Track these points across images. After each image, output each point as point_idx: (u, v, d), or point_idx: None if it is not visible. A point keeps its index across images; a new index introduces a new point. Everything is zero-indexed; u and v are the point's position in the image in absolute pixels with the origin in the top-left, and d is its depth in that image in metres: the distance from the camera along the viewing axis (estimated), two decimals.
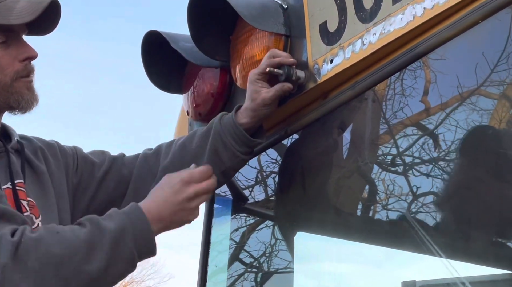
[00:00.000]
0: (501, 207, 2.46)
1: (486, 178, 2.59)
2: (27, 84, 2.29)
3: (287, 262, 3.49)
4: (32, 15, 2.24)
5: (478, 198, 2.59)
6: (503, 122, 2.49)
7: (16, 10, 2.22)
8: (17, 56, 2.27)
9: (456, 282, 2.53)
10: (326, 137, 3.12)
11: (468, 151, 2.64)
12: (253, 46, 2.94)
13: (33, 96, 2.32)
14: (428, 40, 2.41)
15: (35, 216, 2.30)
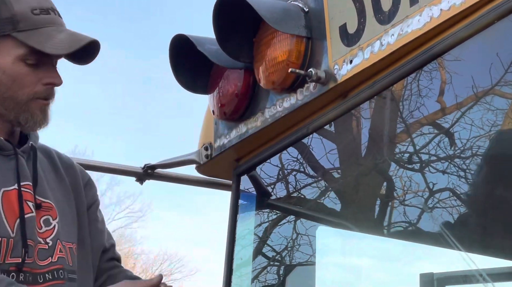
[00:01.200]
0: None
1: (502, 174, 2.57)
2: (42, 106, 2.26)
3: (309, 256, 3.49)
4: (67, 50, 2.22)
5: (494, 192, 2.57)
6: None
7: (54, 40, 2.20)
8: (42, 79, 2.24)
9: (474, 274, 2.51)
10: (346, 135, 3.11)
11: (484, 148, 2.62)
12: (275, 48, 2.94)
13: (44, 118, 2.27)
14: (445, 40, 2.39)
15: (52, 217, 2.28)
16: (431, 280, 2.92)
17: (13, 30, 2.18)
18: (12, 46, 2.19)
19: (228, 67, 3.20)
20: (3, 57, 2.20)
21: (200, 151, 3.55)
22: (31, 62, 2.21)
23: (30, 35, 2.19)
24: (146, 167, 3.79)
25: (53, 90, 2.27)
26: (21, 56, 2.19)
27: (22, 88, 2.21)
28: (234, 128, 3.31)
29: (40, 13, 2.21)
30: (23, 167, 2.26)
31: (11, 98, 2.22)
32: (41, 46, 2.18)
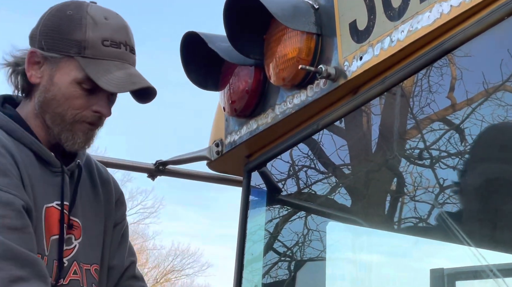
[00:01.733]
0: None
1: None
2: (86, 130, 2.28)
3: (319, 251, 3.49)
4: (118, 89, 2.24)
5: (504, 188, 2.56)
6: None
7: (110, 76, 2.22)
8: (92, 105, 2.26)
9: (485, 269, 2.50)
10: (356, 131, 3.11)
11: (494, 144, 2.61)
12: (286, 45, 2.94)
13: (85, 142, 2.30)
14: (455, 36, 2.38)
15: (75, 236, 2.30)
16: (441, 275, 2.92)
17: (77, 54, 2.22)
18: (73, 68, 2.23)
19: (238, 64, 3.21)
20: (62, 76, 2.24)
21: (211, 147, 3.56)
22: (86, 87, 2.24)
23: (91, 63, 2.21)
24: (158, 163, 3.80)
25: (100, 119, 2.30)
26: (78, 80, 2.23)
27: (71, 109, 2.25)
28: (244, 125, 3.31)
29: (110, 45, 2.23)
30: (67, 186, 2.29)
31: (59, 114, 2.25)
32: (96, 78, 2.21)
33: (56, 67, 2.24)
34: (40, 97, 2.27)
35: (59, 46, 2.23)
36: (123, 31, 2.27)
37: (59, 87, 2.24)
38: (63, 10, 2.27)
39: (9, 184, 2.09)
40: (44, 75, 2.26)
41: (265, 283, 3.58)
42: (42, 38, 2.25)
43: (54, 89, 2.25)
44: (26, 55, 2.26)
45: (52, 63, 2.24)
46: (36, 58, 2.26)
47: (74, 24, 2.23)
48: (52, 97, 2.25)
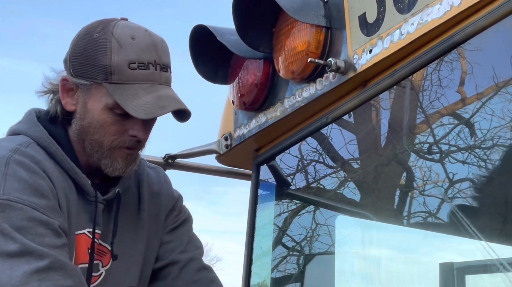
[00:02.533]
0: None
1: None
2: (125, 154, 2.24)
3: (328, 245, 3.48)
4: (146, 115, 2.17)
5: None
6: None
7: (138, 101, 2.15)
8: (128, 130, 2.22)
9: (495, 263, 2.49)
10: (365, 124, 3.10)
11: (505, 138, 2.60)
12: (295, 38, 2.93)
13: (125, 167, 2.25)
14: (465, 29, 2.37)
15: (102, 263, 2.28)
16: (450, 269, 2.91)
17: (104, 81, 2.16)
18: (103, 94, 2.18)
19: (247, 58, 3.20)
20: (94, 103, 2.20)
21: (220, 141, 3.55)
22: (119, 112, 2.19)
23: (119, 89, 2.16)
24: (167, 156, 3.80)
25: (139, 142, 2.25)
26: (109, 105, 2.18)
27: (108, 135, 2.21)
28: (253, 118, 3.31)
29: (137, 68, 2.16)
30: (100, 215, 2.27)
31: (97, 141, 2.22)
32: (124, 105, 2.15)
33: (88, 94, 2.20)
34: (77, 124, 2.24)
35: (88, 73, 2.18)
36: (151, 49, 2.19)
37: (93, 114, 2.20)
38: (90, 33, 2.21)
39: (47, 206, 2.09)
40: (78, 102, 2.22)
41: (274, 277, 3.58)
42: (72, 64, 2.21)
43: (89, 117, 2.21)
44: (59, 83, 2.23)
45: (84, 90, 2.20)
46: (69, 85, 2.22)
47: (100, 49, 2.17)
48: (88, 124, 2.21)
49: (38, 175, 2.13)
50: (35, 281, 1.96)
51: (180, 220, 2.51)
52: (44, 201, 2.09)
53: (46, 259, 2.00)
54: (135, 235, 2.37)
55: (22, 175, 2.09)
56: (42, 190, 2.11)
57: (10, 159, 2.11)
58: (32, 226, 2.03)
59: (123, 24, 2.21)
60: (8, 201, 2.04)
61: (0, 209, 2.02)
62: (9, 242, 1.99)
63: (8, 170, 2.08)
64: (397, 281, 3.09)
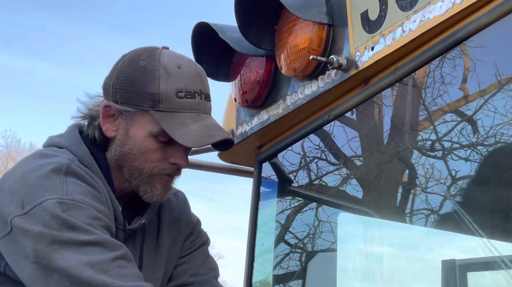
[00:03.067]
0: None
1: None
2: (164, 181, 2.25)
3: (330, 243, 3.48)
4: (194, 144, 2.19)
5: None
6: None
7: (186, 130, 2.17)
8: (169, 158, 2.22)
9: (496, 260, 2.49)
10: (368, 122, 3.10)
11: (507, 136, 2.60)
12: (297, 35, 2.93)
13: (163, 193, 2.26)
14: (467, 26, 2.36)
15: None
16: (453, 266, 2.91)
17: (151, 108, 2.17)
18: (147, 121, 2.18)
19: (250, 55, 3.20)
20: (137, 129, 2.20)
21: None
22: (162, 140, 2.20)
23: (166, 117, 2.16)
24: None
25: (178, 170, 2.26)
26: (154, 133, 2.19)
27: (149, 162, 2.21)
28: (256, 116, 3.31)
29: (185, 97, 2.17)
30: (130, 247, 2.24)
31: (137, 168, 2.22)
32: (172, 133, 2.16)
33: (131, 121, 2.20)
34: (117, 151, 2.24)
35: (133, 100, 2.18)
36: (197, 79, 2.21)
37: (135, 141, 2.20)
38: (136, 60, 2.21)
39: (105, 213, 2.13)
40: (119, 128, 2.22)
41: (276, 274, 3.58)
42: (116, 91, 2.20)
43: (130, 143, 2.21)
44: (101, 109, 2.22)
45: (127, 117, 2.20)
46: (111, 112, 2.21)
47: (148, 77, 2.17)
48: (128, 151, 2.21)
49: (94, 186, 2.16)
50: (115, 268, 1.99)
51: (197, 245, 2.51)
52: (103, 207, 2.13)
53: (120, 250, 2.04)
54: (154, 263, 2.38)
55: (80, 183, 2.12)
56: (100, 197, 2.14)
57: (69, 167, 2.13)
58: (96, 224, 2.06)
59: (169, 53, 2.23)
60: (73, 201, 2.05)
61: (66, 208, 2.03)
62: (82, 234, 2.01)
63: (66, 178, 2.10)
64: (399, 278, 3.10)
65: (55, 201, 2.03)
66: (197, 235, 2.53)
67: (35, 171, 2.11)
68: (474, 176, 2.74)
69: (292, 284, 3.66)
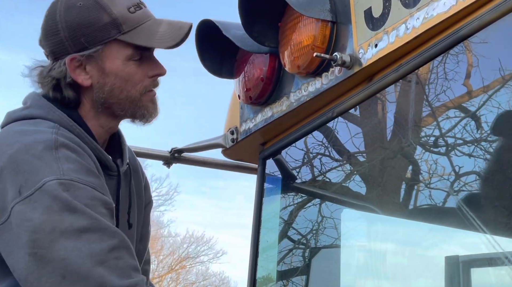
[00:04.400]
0: None
1: None
2: (151, 97, 2.31)
3: (334, 239, 3.49)
4: (174, 41, 2.25)
5: None
6: None
7: (158, 34, 2.24)
8: (148, 72, 2.28)
9: (500, 257, 2.49)
10: (371, 119, 3.10)
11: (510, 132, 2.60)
12: (300, 32, 2.93)
13: (156, 109, 2.33)
14: (470, 23, 2.36)
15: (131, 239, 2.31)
16: (456, 263, 2.91)
17: (118, 34, 2.21)
18: (118, 49, 2.23)
19: (253, 52, 3.20)
20: (112, 62, 2.24)
21: (226, 135, 3.56)
22: (137, 59, 2.25)
23: (135, 34, 2.22)
24: (173, 150, 3.81)
25: (158, 81, 2.32)
26: (128, 56, 2.24)
27: (134, 86, 2.26)
28: (259, 113, 3.31)
29: (135, 11, 2.24)
30: (123, 188, 2.32)
31: (126, 98, 2.26)
32: (149, 43, 2.23)
33: (101, 59, 2.23)
34: (99, 95, 2.26)
35: (98, 38, 2.21)
36: None
37: (115, 73, 2.24)
38: (72, 5, 2.24)
39: (101, 185, 2.12)
40: (93, 73, 2.24)
41: (280, 270, 3.59)
42: (74, 41, 2.22)
43: (111, 79, 2.24)
44: (67, 65, 2.23)
45: (96, 58, 2.23)
46: (77, 63, 2.23)
47: (95, 11, 2.21)
48: (111, 87, 2.25)
49: (83, 155, 2.15)
50: (112, 259, 2.00)
51: (148, 198, 2.55)
52: (98, 180, 2.13)
53: (118, 237, 2.04)
54: (139, 209, 2.42)
55: (72, 156, 2.11)
56: (93, 169, 2.14)
57: (57, 141, 2.11)
58: (95, 204, 2.05)
59: None
60: (71, 181, 2.04)
61: (65, 188, 2.02)
62: (81, 218, 2.00)
63: (58, 153, 2.09)
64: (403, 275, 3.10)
65: (55, 182, 2.02)
66: (149, 186, 2.58)
67: (25, 152, 2.08)
68: (478, 172, 2.74)
69: (295, 280, 3.66)
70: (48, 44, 2.26)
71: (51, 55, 2.27)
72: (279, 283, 3.58)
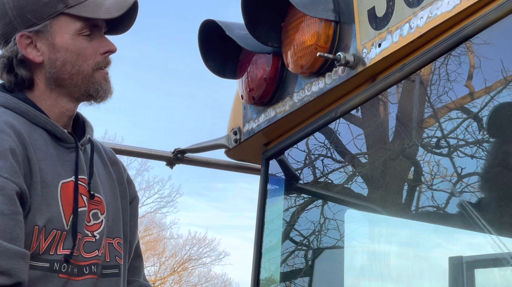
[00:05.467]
0: None
1: None
2: (104, 75, 2.34)
3: (337, 240, 3.48)
4: (119, 11, 2.29)
5: None
6: None
7: (104, 6, 2.29)
8: (99, 49, 2.32)
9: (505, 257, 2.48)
10: (375, 118, 3.10)
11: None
12: (304, 32, 2.93)
13: (109, 87, 2.36)
14: (474, 22, 2.36)
15: (101, 211, 2.32)
16: (460, 263, 2.90)
17: (65, 8, 2.25)
18: (67, 24, 2.26)
19: (256, 52, 3.20)
20: (61, 36, 2.27)
21: (229, 136, 3.56)
22: (86, 33, 2.28)
23: (81, 8, 2.26)
24: (176, 151, 3.81)
25: (110, 59, 2.35)
26: (78, 31, 2.27)
27: (86, 61, 2.29)
28: (262, 113, 3.31)
29: None
30: (81, 160, 2.31)
31: (78, 73, 2.29)
32: (96, 15, 2.26)
33: (51, 34, 2.26)
34: (51, 70, 2.28)
35: (44, 13, 2.25)
36: None
37: (66, 47, 2.26)
38: None
39: (2, 167, 2.07)
40: (43, 49, 2.27)
41: (283, 271, 3.58)
42: (22, 18, 2.25)
43: (62, 54, 2.27)
44: (17, 42, 2.25)
45: (45, 33, 2.25)
46: (27, 40, 2.26)
47: None
48: (63, 62, 2.27)
49: (2, 133, 2.12)
50: None
51: (134, 194, 2.56)
52: (1, 161, 2.08)
53: None
54: (112, 192, 2.42)
55: None
56: (1, 149, 2.09)
57: None
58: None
59: None
60: None
61: None
62: None
63: None
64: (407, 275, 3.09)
65: None
66: (132, 182, 2.58)
67: None
68: (481, 173, 2.73)
69: (299, 281, 3.65)
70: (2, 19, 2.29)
71: (2, 39, 2.30)
72: (282, 284, 3.57)
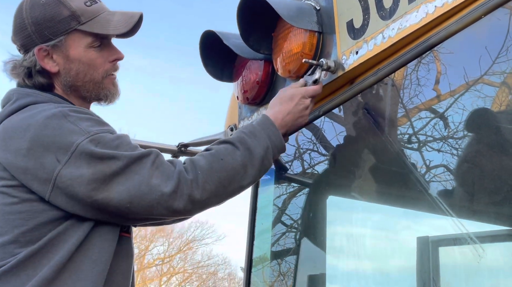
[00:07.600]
0: (501, 173, 2.43)
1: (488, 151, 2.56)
2: (112, 80, 2.38)
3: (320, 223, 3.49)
4: (126, 27, 2.33)
5: (481, 166, 2.57)
6: (503, 106, 2.45)
7: (113, 22, 2.31)
8: (108, 57, 2.36)
9: (464, 237, 2.51)
10: (353, 116, 3.11)
11: (472, 129, 2.61)
12: (291, 41, 2.94)
13: (117, 90, 2.40)
14: (439, 33, 2.38)
15: None
16: (426, 242, 2.92)
17: (78, 24, 2.29)
18: (79, 38, 2.30)
19: (250, 59, 3.21)
20: (75, 50, 2.30)
21: (226, 132, 3.57)
22: (97, 45, 2.32)
23: (92, 24, 2.30)
24: (180, 145, 3.82)
25: (118, 65, 2.39)
26: (89, 44, 2.31)
27: (96, 70, 2.33)
28: (255, 112, 3.32)
29: (91, 4, 2.32)
30: None
31: (90, 81, 2.33)
32: (105, 31, 2.30)
33: (66, 48, 2.30)
34: (66, 79, 2.32)
35: (60, 29, 2.28)
36: None
37: (79, 59, 2.30)
38: (36, 3, 2.30)
39: (111, 128, 2.19)
40: (59, 61, 2.31)
41: (274, 250, 3.60)
42: (40, 33, 2.28)
43: (75, 65, 2.31)
44: (35, 55, 2.28)
45: (60, 47, 2.29)
46: (44, 53, 2.29)
47: (57, 7, 2.28)
48: (76, 72, 2.31)
49: (85, 112, 2.19)
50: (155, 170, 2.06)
51: None
52: (107, 125, 2.18)
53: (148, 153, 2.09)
54: None
55: (81, 116, 2.15)
56: (99, 118, 2.19)
57: (63, 111, 2.14)
58: (121, 143, 2.10)
59: None
60: (95, 135, 2.08)
61: (95, 143, 2.06)
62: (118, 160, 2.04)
63: (70, 118, 2.12)
64: (380, 253, 3.11)
65: (86, 141, 2.05)
66: None
67: (44, 129, 2.09)
68: (445, 164, 2.75)
69: (288, 259, 3.66)
70: (18, 39, 2.33)
71: (22, 49, 2.34)
72: (273, 262, 3.59)
